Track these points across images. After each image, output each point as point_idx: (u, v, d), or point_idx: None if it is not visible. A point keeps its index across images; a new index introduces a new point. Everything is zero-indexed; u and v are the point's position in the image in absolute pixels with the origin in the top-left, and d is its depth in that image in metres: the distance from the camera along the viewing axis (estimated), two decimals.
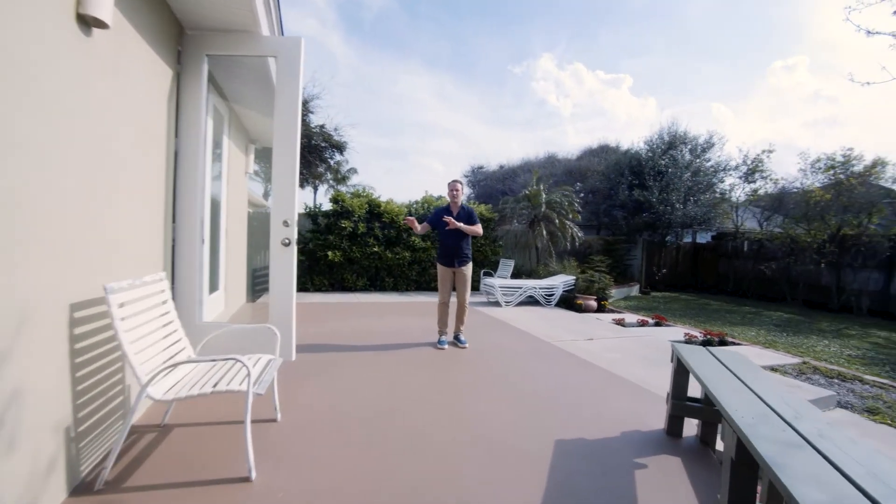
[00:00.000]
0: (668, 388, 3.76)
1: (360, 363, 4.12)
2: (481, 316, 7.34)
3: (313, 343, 4.84)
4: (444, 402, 3.15)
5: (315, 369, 3.81)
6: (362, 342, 5.02)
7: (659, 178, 13.28)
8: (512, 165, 21.95)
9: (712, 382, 2.00)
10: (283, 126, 3.29)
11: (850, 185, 10.71)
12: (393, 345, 4.97)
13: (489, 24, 53.76)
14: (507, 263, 10.79)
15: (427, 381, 3.66)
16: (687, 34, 53.90)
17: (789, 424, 1.55)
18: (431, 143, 63.36)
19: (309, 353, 4.38)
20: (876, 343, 7.37)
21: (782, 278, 11.87)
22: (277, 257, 3.34)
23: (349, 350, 4.66)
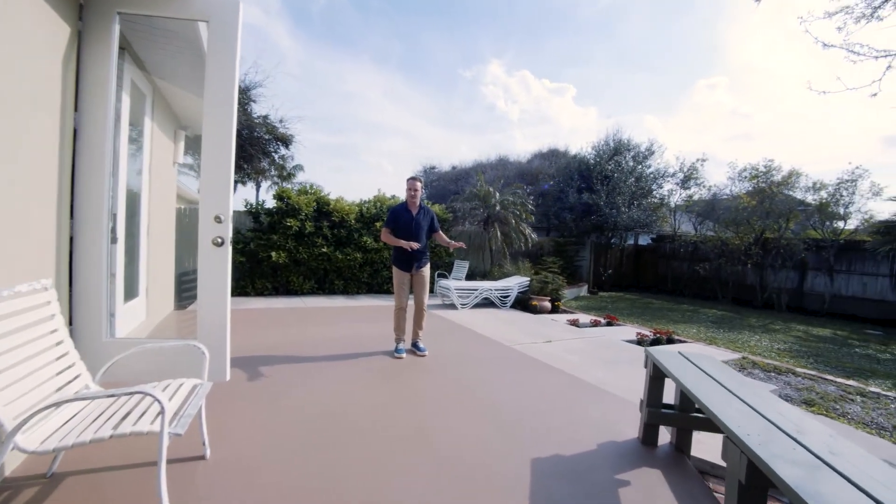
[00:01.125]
0: (634, 392, 3.64)
1: (308, 379, 3.66)
2: (438, 319, 7.07)
3: (252, 356, 4.29)
4: (405, 422, 2.81)
5: (254, 389, 3.29)
6: (310, 353, 4.54)
7: (605, 183, 13.79)
8: (464, 167, 21.94)
9: (702, 394, 1.86)
10: (216, 104, 2.79)
11: (771, 193, 11.74)
12: (345, 355, 4.54)
13: (440, 25, 53.83)
14: (461, 265, 10.61)
15: (385, 397, 3.31)
16: (624, 49, 57.38)
17: (797, 441, 1.43)
18: (382, 143, 62.30)
19: (247, 369, 3.83)
20: (798, 337, 8.03)
21: (714, 278, 12.75)
22: (208, 259, 2.81)
23: (295, 363, 4.16)
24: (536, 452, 2.41)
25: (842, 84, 4.28)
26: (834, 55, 5.09)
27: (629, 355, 5.38)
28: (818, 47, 4.27)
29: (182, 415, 1.71)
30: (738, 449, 1.42)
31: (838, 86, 4.47)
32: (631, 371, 4.63)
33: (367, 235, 9.70)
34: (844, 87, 4.15)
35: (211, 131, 2.78)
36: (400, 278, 4.64)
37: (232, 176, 2.78)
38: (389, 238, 4.49)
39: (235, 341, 4.81)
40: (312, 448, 2.37)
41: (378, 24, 54.07)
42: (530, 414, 3.04)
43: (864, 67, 7.57)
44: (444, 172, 23.06)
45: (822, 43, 3.90)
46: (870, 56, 4.11)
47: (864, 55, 4.02)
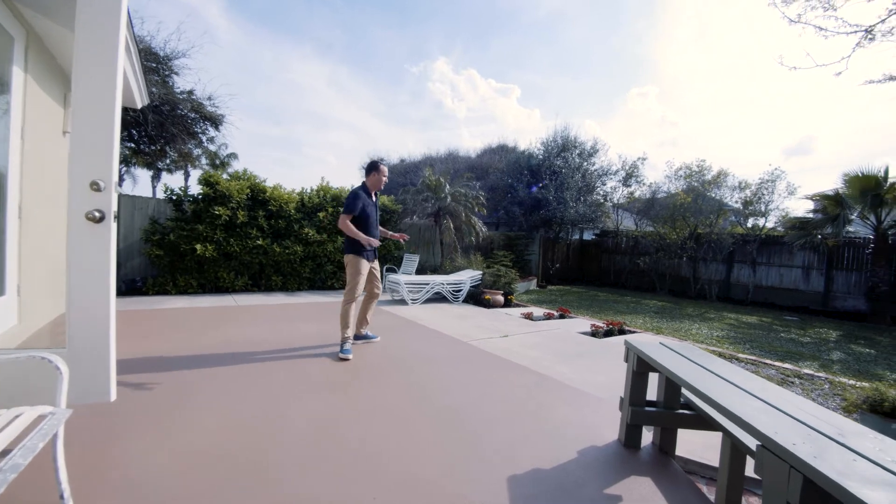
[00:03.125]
0: (601, 387, 3.42)
1: (231, 392, 3.01)
2: (388, 316, 6.55)
3: (159, 367, 3.51)
4: (351, 443, 2.30)
5: (152, 412, 2.52)
6: (237, 360, 3.85)
7: (554, 178, 13.96)
8: (413, 160, 21.41)
9: (715, 393, 1.58)
10: (93, 25, 2.08)
11: (703, 191, 12.48)
12: (281, 360, 3.91)
13: (387, 19, 52.57)
14: (411, 258, 10.14)
15: (326, 410, 2.77)
16: (564, 55, 59.74)
17: (849, 448, 1.16)
18: (326, 135, 59.85)
19: (147, 384, 3.05)
20: (731, 324, 8.48)
21: (653, 271, 13.36)
22: (80, 240, 2.07)
23: (215, 374, 3.46)
24: (511, 469, 2.03)
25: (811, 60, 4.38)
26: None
27: (586, 348, 5.25)
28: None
29: (6, 466, 1.11)
30: (787, 464, 1.12)
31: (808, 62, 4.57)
32: (592, 364, 4.46)
33: (309, 227, 8.90)
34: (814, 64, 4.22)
35: (86, 65, 2.06)
36: (365, 269, 4.23)
37: (116, 131, 2.09)
38: (350, 227, 4.02)
39: (143, 347, 3.99)
40: (230, 489, 1.81)
41: (321, 13, 51.66)
42: (499, 421, 2.67)
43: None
44: (392, 165, 22.36)
45: (789, 18, 3.96)
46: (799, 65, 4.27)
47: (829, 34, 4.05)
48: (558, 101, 60.03)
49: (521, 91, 56.91)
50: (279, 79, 51.32)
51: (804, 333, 7.90)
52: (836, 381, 4.68)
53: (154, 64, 9.37)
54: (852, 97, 74.96)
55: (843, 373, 5.17)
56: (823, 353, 6.28)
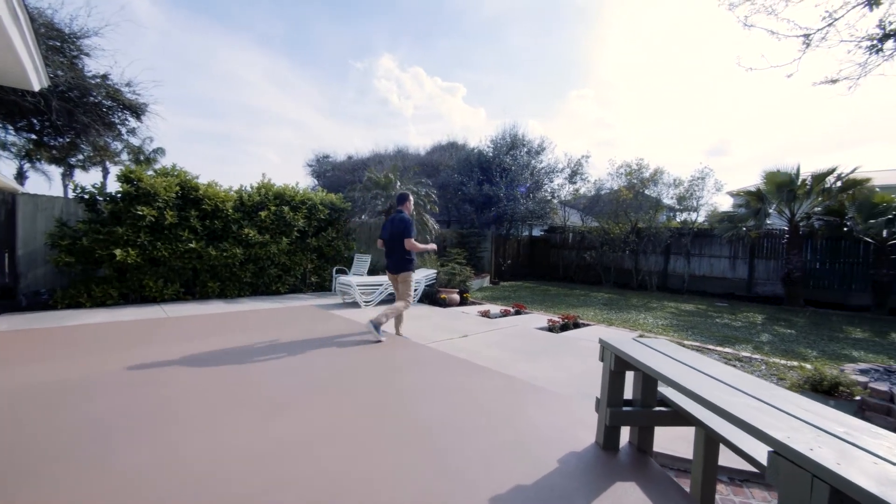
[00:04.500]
0: (567, 385, 3.35)
1: (161, 421, 2.58)
2: (341, 321, 6.17)
3: (60, 401, 2.97)
4: (308, 472, 2.02)
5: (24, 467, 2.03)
6: (160, 384, 3.35)
7: (504, 175, 14.09)
8: (361, 157, 20.74)
9: (708, 393, 1.49)
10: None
11: (642, 187, 13.18)
12: (220, 376, 3.47)
13: (329, 12, 50.65)
14: (363, 259, 9.74)
15: (279, 434, 2.43)
16: (507, 56, 61.26)
17: (864, 449, 1.09)
18: (265, 131, 56.71)
19: (22, 425, 2.55)
20: (672, 313, 8.97)
21: (599, 264, 13.92)
22: None
23: (127, 404, 2.98)
24: (492, 488, 1.86)
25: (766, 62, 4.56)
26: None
27: (546, 344, 5.24)
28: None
29: None
30: (809, 473, 1.03)
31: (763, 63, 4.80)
32: (554, 361, 4.43)
33: (249, 227, 8.23)
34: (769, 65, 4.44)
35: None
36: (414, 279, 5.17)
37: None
38: (418, 246, 4.94)
39: (40, 375, 3.28)
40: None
41: (261, 1, 48.77)
42: (472, 433, 2.48)
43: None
44: (339, 162, 21.54)
45: (744, 23, 4.16)
46: None
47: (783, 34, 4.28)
48: (503, 100, 61.39)
49: (467, 90, 57.48)
50: (213, 69, 47.74)
51: (735, 318, 8.52)
52: (770, 361, 5.03)
53: (58, 42, 8.16)
54: (763, 102, 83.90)
55: (773, 353, 5.58)
56: (754, 336, 6.77)
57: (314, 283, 9.51)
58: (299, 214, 8.95)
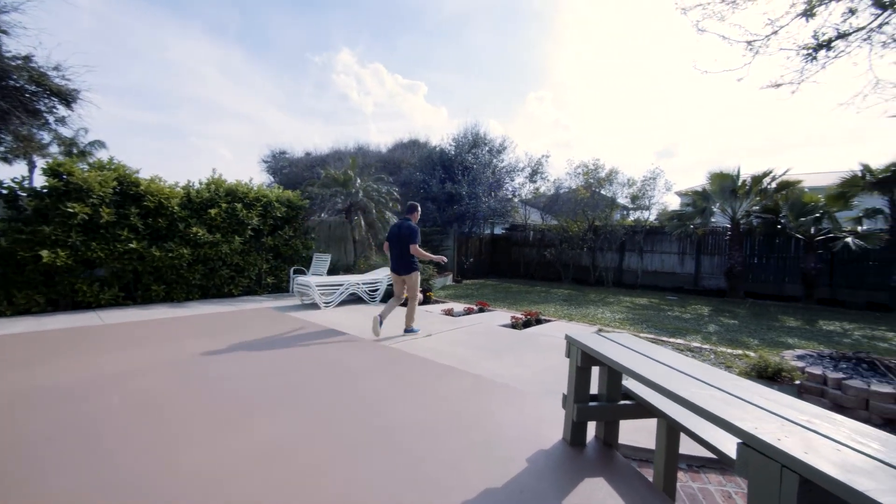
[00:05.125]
0: (531, 382, 3.35)
1: (98, 440, 2.31)
2: (299, 323, 5.90)
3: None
4: (271, 487, 1.86)
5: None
6: (101, 398, 3.03)
7: (467, 173, 14.13)
8: (320, 153, 20.10)
9: (675, 386, 1.50)
10: None
11: (598, 187, 13.65)
12: (166, 388, 3.18)
13: (285, 1, 48.68)
14: (322, 258, 9.41)
15: (236, 448, 2.24)
16: (468, 56, 61.78)
17: (827, 436, 1.11)
18: (217, 125, 53.78)
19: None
20: (628, 307, 9.34)
21: (558, 261, 14.28)
22: None
23: (77, 417, 2.67)
24: (463, 493, 1.79)
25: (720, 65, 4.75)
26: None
27: (510, 341, 5.27)
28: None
29: None
30: (778, 463, 1.03)
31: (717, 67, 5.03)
32: (518, 358, 4.44)
33: (198, 225, 7.71)
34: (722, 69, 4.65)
35: None
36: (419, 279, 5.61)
37: None
38: (424, 253, 5.40)
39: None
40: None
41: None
42: (439, 434, 2.41)
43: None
44: (296, 159, 20.76)
45: (699, 28, 4.34)
46: None
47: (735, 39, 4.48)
48: (464, 100, 61.79)
49: (428, 89, 57.27)
50: (159, 58, 44.52)
51: (685, 311, 9.00)
52: (718, 351, 5.32)
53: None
54: (709, 107, 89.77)
55: (720, 343, 5.91)
56: (702, 327, 7.16)
57: (270, 284, 9.08)
58: (253, 212, 8.51)
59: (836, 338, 6.63)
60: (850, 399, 3.39)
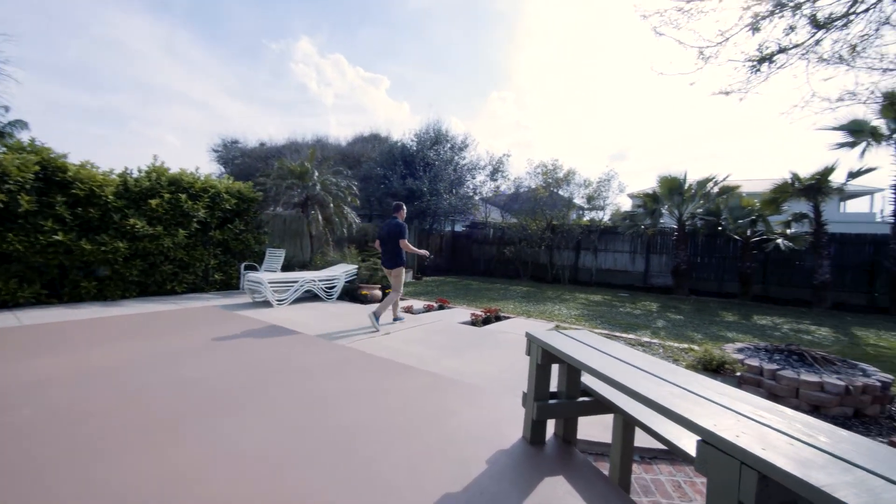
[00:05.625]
0: (492, 379, 3.33)
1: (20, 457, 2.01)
2: (249, 322, 5.57)
3: None
4: (219, 499, 1.69)
5: None
6: (16, 409, 2.67)
7: (428, 170, 14.03)
8: (276, 144, 19.22)
9: (634, 383, 1.49)
10: None
11: (556, 186, 14.00)
12: (91, 397, 2.86)
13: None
14: (275, 254, 8.99)
15: (179, 457, 2.03)
16: (432, 53, 61.53)
17: (777, 430, 1.13)
18: (163, 111, 50.13)
19: None
20: (583, 303, 9.64)
21: (517, 259, 14.53)
22: None
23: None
24: (419, 498, 1.71)
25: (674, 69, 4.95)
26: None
27: (470, 338, 5.24)
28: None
29: None
30: (737, 460, 1.02)
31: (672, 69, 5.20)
32: (479, 355, 4.42)
33: (136, 217, 7.09)
34: (677, 72, 4.83)
35: None
36: (403, 274, 5.97)
37: None
38: (412, 248, 5.80)
39: None
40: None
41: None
42: (397, 438, 2.30)
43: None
44: (250, 149, 19.72)
45: (656, 32, 4.49)
46: None
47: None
48: (426, 96, 61.49)
49: (391, 83, 56.43)
50: (94, 33, 40.71)
51: (635, 307, 9.41)
52: (666, 345, 5.57)
53: None
54: (659, 113, 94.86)
55: (668, 338, 6.20)
56: (651, 323, 7.50)
57: (218, 280, 8.54)
58: (200, 204, 7.95)
59: (768, 331, 7.16)
60: (783, 388, 3.63)
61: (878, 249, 10.13)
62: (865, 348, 6.22)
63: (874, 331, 7.54)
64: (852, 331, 7.48)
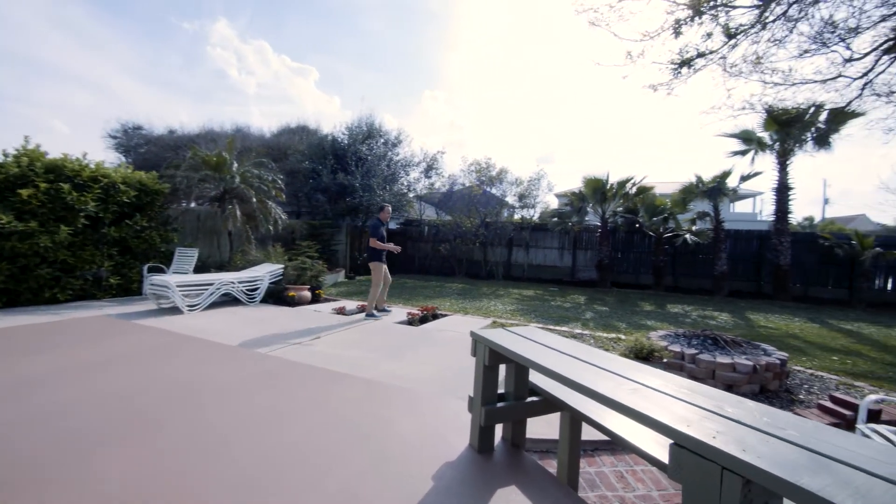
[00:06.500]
0: (434, 381, 3.16)
1: None
2: (150, 333, 4.82)
3: None
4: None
5: None
6: None
7: (360, 165, 13.47)
8: (189, 132, 17.27)
9: (593, 383, 1.37)
10: None
11: (490, 184, 14.23)
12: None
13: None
14: (187, 253, 8.03)
15: None
16: (367, 48, 59.98)
17: (751, 427, 1.06)
18: (48, 91, 43.07)
19: None
20: (517, 298, 9.86)
21: (452, 256, 14.53)
22: None
23: None
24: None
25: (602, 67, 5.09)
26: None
27: (407, 338, 5.02)
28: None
29: None
30: (718, 465, 0.93)
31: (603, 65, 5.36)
32: (417, 356, 4.22)
33: (1, 210, 5.85)
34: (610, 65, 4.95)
35: None
36: (380, 269, 6.47)
37: None
38: (379, 244, 6.38)
39: None
40: None
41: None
42: (332, 457, 2.01)
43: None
44: (157, 136, 17.53)
45: (592, 23, 4.58)
46: None
47: None
48: (358, 92, 59.76)
49: (321, 75, 53.97)
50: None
51: (565, 300, 9.82)
52: (596, 335, 5.81)
53: None
54: (583, 118, 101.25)
55: (597, 328, 6.48)
56: (581, 315, 7.83)
57: (115, 285, 7.39)
58: (89, 196, 6.80)
59: (681, 318, 7.83)
60: (701, 371, 3.90)
61: (763, 244, 11.62)
62: (759, 330, 7.03)
63: (763, 314, 8.59)
64: (747, 315, 8.45)
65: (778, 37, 4.16)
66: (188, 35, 50.44)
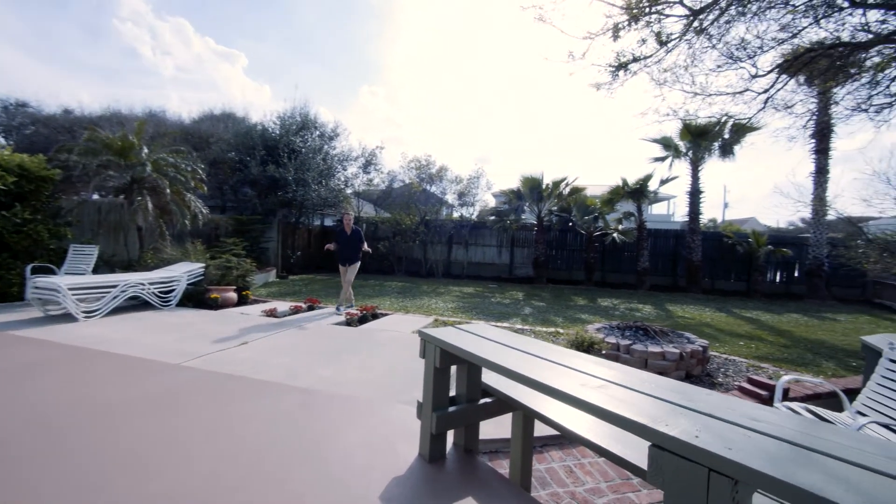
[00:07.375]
0: (370, 384, 2.97)
1: None
2: (32, 347, 4.03)
3: None
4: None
5: None
6: None
7: (294, 157, 12.65)
8: (89, 113, 15.05)
9: (556, 382, 1.27)
10: None
11: (430, 182, 14.12)
12: None
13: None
14: (84, 251, 6.96)
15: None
16: (302, 37, 57.00)
17: (728, 421, 1.01)
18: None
19: None
20: (458, 296, 9.85)
21: (392, 254, 14.22)
22: None
23: None
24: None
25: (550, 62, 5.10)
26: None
27: (345, 340, 4.73)
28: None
29: None
30: (705, 467, 0.85)
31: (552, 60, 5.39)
32: (357, 359, 3.96)
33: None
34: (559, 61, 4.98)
35: None
36: (341, 270, 7.01)
37: None
38: (329, 246, 7.15)
39: None
40: None
41: None
42: (263, 481, 1.72)
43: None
44: (47, 116, 15.11)
45: (539, 16, 4.56)
46: None
47: None
48: (291, 82, 56.59)
49: (249, 62, 50.32)
50: None
51: (504, 297, 9.99)
52: (536, 330, 5.91)
53: None
54: (517, 121, 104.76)
55: (536, 323, 6.63)
56: (520, 310, 7.99)
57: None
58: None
59: (611, 311, 8.29)
60: (635, 360, 4.08)
61: (678, 242, 12.76)
62: (678, 319, 7.64)
63: (680, 305, 9.39)
64: (666, 306, 9.18)
65: (699, 49, 4.54)
66: (91, 6, 44.32)
